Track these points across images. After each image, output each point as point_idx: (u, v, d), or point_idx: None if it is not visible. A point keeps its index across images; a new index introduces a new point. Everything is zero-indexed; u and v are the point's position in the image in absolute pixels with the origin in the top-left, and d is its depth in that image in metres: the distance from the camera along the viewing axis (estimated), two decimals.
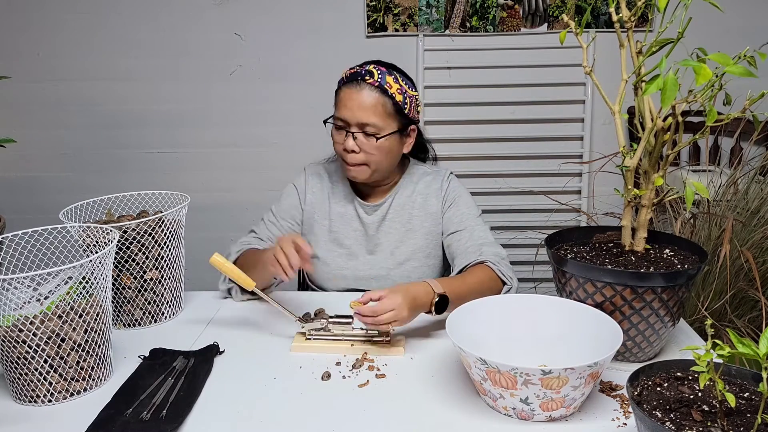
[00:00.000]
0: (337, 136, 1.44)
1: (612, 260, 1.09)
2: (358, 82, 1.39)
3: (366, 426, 0.96)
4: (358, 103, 1.38)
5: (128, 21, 2.62)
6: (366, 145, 1.40)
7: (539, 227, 2.60)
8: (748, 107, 0.97)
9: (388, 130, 1.41)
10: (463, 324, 1.04)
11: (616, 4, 1.07)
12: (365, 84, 1.39)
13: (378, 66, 1.43)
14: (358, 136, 1.40)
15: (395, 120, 1.42)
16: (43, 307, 1.05)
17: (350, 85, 1.40)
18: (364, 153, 1.41)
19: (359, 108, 1.38)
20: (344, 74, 1.44)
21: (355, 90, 1.39)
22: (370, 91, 1.39)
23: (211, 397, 1.04)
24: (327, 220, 1.52)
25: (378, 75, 1.39)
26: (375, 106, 1.38)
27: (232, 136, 2.75)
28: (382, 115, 1.39)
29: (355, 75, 1.40)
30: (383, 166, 1.44)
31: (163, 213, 1.30)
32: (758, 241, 1.76)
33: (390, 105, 1.40)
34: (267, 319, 1.33)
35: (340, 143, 1.43)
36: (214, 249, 1.39)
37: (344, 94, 1.41)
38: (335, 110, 1.44)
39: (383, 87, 1.39)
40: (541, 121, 2.67)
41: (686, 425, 0.77)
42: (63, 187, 2.80)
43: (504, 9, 2.56)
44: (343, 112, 1.40)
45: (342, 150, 1.42)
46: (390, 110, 1.40)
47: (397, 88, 1.41)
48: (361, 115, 1.38)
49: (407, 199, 1.51)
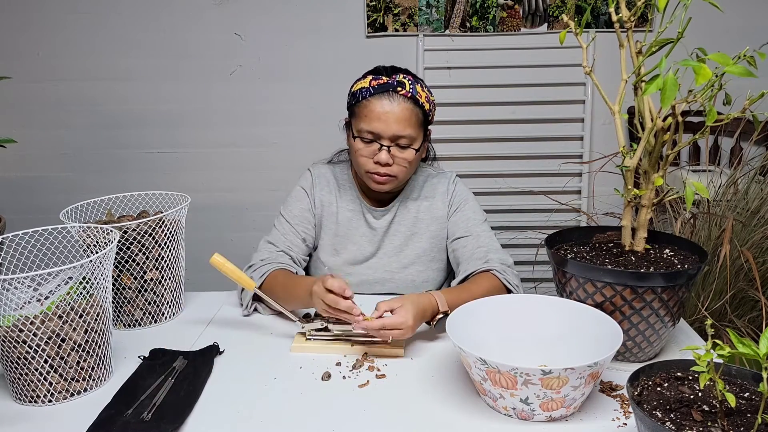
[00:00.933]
0: (365, 149, 1.37)
1: (612, 260, 1.09)
2: (390, 94, 1.34)
3: (366, 426, 0.96)
4: (393, 116, 1.33)
5: (128, 21, 2.62)
6: (399, 158, 1.37)
7: (539, 227, 2.60)
8: (748, 107, 0.97)
9: (420, 140, 1.39)
10: (463, 324, 1.04)
11: (616, 4, 1.07)
12: (398, 95, 1.34)
13: (404, 74, 1.38)
14: (392, 149, 1.36)
15: (423, 129, 1.40)
16: (44, 308, 1.05)
17: (381, 96, 1.34)
18: (396, 166, 1.38)
19: (395, 121, 1.33)
20: (367, 84, 1.37)
21: (388, 101, 1.34)
22: (404, 103, 1.34)
23: (211, 398, 1.04)
24: (334, 224, 1.49)
25: (409, 86, 1.35)
26: (410, 118, 1.35)
27: (232, 136, 2.75)
28: (416, 126, 1.36)
29: (386, 86, 1.34)
30: (409, 175, 1.44)
31: (164, 213, 1.30)
32: (758, 241, 1.76)
33: (421, 115, 1.38)
34: (267, 319, 1.33)
35: (368, 156, 1.37)
36: (214, 249, 1.38)
37: (375, 106, 1.34)
38: (359, 122, 1.37)
39: (415, 97, 1.35)
40: (541, 121, 2.67)
41: (686, 425, 0.77)
42: (63, 187, 2.80)
43: (504, 9, 2.56)
44: (376, 126, 1.34)
45: (373, 164, 1.37)
46: (420, 120, 1.38)
47: (425, 97, 1.38)
48: (396, 127, 1.34)
49: (413, 203, 1.49)
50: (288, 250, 1.43)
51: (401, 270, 1.48)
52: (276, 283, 1.33)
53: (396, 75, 1.37)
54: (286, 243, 1.44)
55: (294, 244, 1.45)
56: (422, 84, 1.40)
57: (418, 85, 1.38)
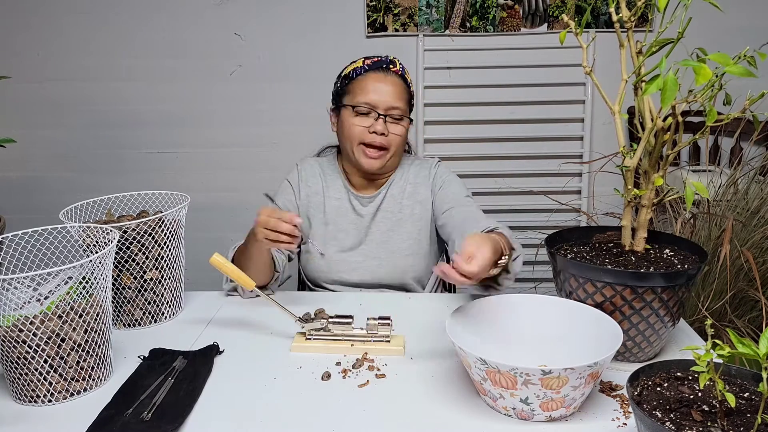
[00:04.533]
0: (360, 120, 1.46)
1: (612, 260, 1.09)
2: (384, 69, 1.47)
3: (366, 426, 0.96)
4: (387, 88, 1.45)
5: (128, 21, 2.62)
6: (393, 129, 1.46)
7: (539, 227, 2.60)
8: (748, 107, 0.97)
9: (407, 116, 1.49)
10: (463, 324, 1.05)
11: (616, 4, 1.07)
12: (391, 72, 1.47)
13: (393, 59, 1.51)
14: (387, 120, 1.45)
15: (409, 107, 1.51)
16: (43, 307, 1.05)
17: (376, 72, 1.46)
18: (390, 136, 1.46)
19: (389, 93, 1.45)
20: (362, 63, 1.49)
21: (382, 75, 1.46)
22: (397, 78, 1.47)
23: (211, 398, 1.04)
24: (322, 213, 1.54)
25: (399, 64, 1.49)
26: (401, 93, 1.47)
27: (232, 136, 2.75)
28: (405, 100, 1.49)
29: (380, 63, 1.47)
30: (398, 152, 1.51)
31: (163, 213, 1.30)
32: (758, 241, 1.76)
33: (407, 93, 1.50)
34: (267, 319, 1.33)
35: (364, 126, 1.45)
36: (214, 249, 1.39)
37: (370, 80, 1.46)
38: (354, 96, 1.47)
39: (404, 76, 1.50)
40: (541, 121, 2.67)
41: (686, 425, 0.77)
42: (63, 187, 2.80)
43: (504, 9, 2.56)
44: (372, 97, 1.44)
45: (368, 134, 1.45)
46: (408, 98, 1.50)
47: (410, 80, 1.52)
48: (390, 99, 1.45)
49: (399, 189, 1.55)
50: None
51: (390, 255, 1.50)
52: (240, 250, 1.40)
53: (387, 56, 1.51)
54: None
55: None
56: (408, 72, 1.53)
57: (406, 70, 1.52)
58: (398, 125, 1.46)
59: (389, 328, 1.17)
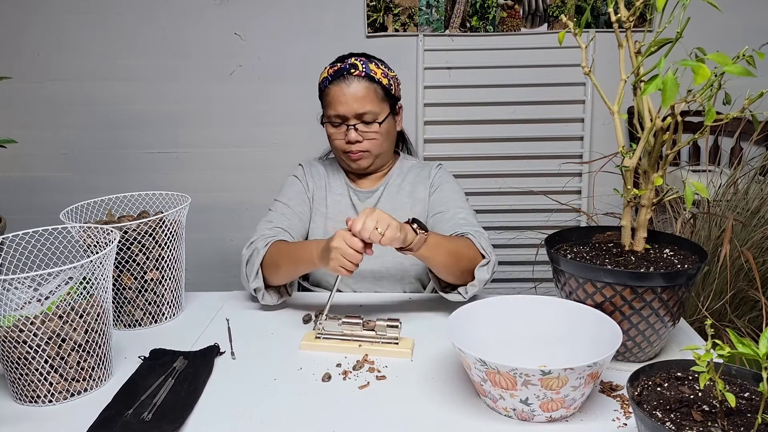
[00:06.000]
0: (336, 132, 1.47)
1: (612, 260, 1.10)
2: (345, 77, 1.44)
3: (366, 427, 0.96)
4: (351, 96, 1.43)
5: (128, 21, 2.62)
6: (367, 133, 1.45)
7: (539, 227, 2.60)
8: (747, 107, 0.97)
9: (384, 113, 1.47)
10: (462, 325, 1.05)
11: (615, 4, 1.07)
12: (352, 77, 1.44)
13: (357, 57, 1.47)
14: (359, 126, 1.44)
15: (386, 103, 1.48)
16: (44, 308, 1.05)
17: (338, 81, 1.44)
18: (367, 141, 1.46)
19: (354, 100, 1.43)
20: (326, 73, 1.47)
21: (345, 84, 1.44)
22: (359, 82, 1.44)
23: (211, 398, 1.04)
24: (324, 208, 1.55)
25: (362, 65, 1.45)
26: (367, 95, 1.44)
27: (232, 136, 2.75)
28: (375, 101, 1.45)
29: (340, 71, 1.44)
30: (384, 148, 1.50)
31: (164, 213, 1.30)
32: (758, 241, 1.76)
33: (380, 90, 1.46)
34: (267, 320, 1.34)
35: (340, 138, 1.47)
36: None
37: (334, 92, 1.44)
38: (327, 109, 1.48)
39: (369, 75, 1.45)
40: (541, 121, 2.67)
41: (686, 425, 0.77)
42: (63, 187, 2.80)
43: (504, 9, 2.56)
44: (339, 108, 1.44)
45: (345, 144, 1.46)
46: (381, 95, 1.46)
47: (381, 73, 1.47)
48: (357, 105, 1.43)
49: (398, 188, 1.55)
50: (287, 229, 1.46)
51: (389, 253, 1.49)
52: (278, 250, 1.33)
53: (349, 59, 1.47)
54: (284, 222, 1.47)
55: (292, 224, 1.48)
56: (377, 62, 1.49)
57: (372, 63, 1.47)
58: (372, 125, 1.45)
59: (398, 330, 1.17)
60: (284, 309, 1.37)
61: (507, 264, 2.69)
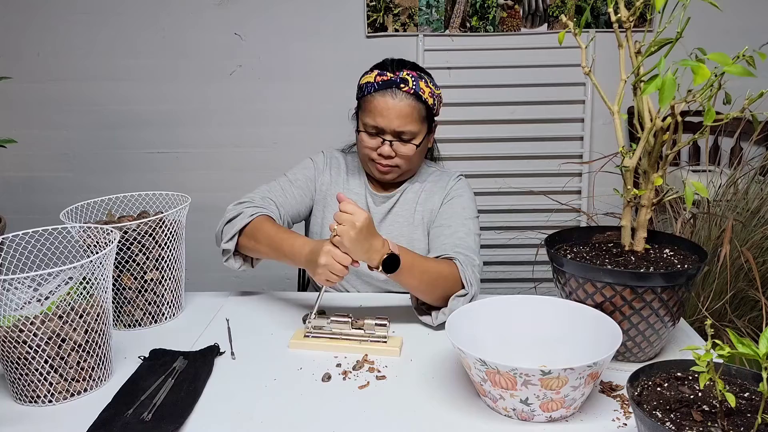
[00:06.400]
0: (369, 140, 1.42)
1: (612, 260, 1.10)
2: (393, 90, 1.38)
3: (366, 428, 0.96)
4: (395, 112, 1.37)
5: (128, 21, 2.62)
6: (401, 151, 1.41)
7: (539, 227, 2.60)
8: (747, 107, 0.97)
9: (422, 134, 1.43)
10: (462, 325, 1.04)
11: (615, 4, 1.07)
12: (400, 92, 1.38)
13: (409, 71, 1.41)
14: (394, 144, 1.40)
15: (426, 123, 1.43)
16: (44, 308, 1.05)
17: (384, 92, 1.38)
18: (398, 158, 1.42)
19: (397, 117, 1.37)
20: (373, 78, 1.40)
21: (391, 98, 1.38)
22: (407, 99, 1.38)
23: (211, 398, 1.04)
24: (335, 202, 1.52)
25: (412, 82, 1.38)
26: (411, 114, 1.39)
27: (232, 136, 2.75)
28: (417, 121, 1.40)
29: (390, 83, 1.38)
30: (414, 164, 1.47)
31: (164, 213, 1.30)
32: (758, 241, 1.76)
33: (423, 110, 1.41)
34: (267, 320, 1.33)
35: (372, 148, 1.42)
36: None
37: (378, 102, 1.38)
38: (364, 115, 1.42)
39: (418, 93, 1.38)
40: (541, 121, 2.67)
41: (686, 425, 0.77)
42: (63, 187, 2.80)
43: (504, 9, 2.56)
44: (379, 121, 1.39)
45: (376, 155, 1.43)
46: (423, 115, 1.41)
47: (429, 92, 1.41)
48: (398, 123, 1.38)
49: (414, 195, 1.52)
50: (280, 205, 1.45)
51: None
52: (262, 228, 1.32)
53: (400, 71, 1.40)
54: (280, 197, 1.46)
55: (286, 202, 1.47)
56: (427, 80, 1.43)
57: (422, 81, 1.41)
58: (408, 145, 1.41)
59: (386, 329, 1.17)
60: (284, 309, 1.37)
61: (507, 264, 2.69)
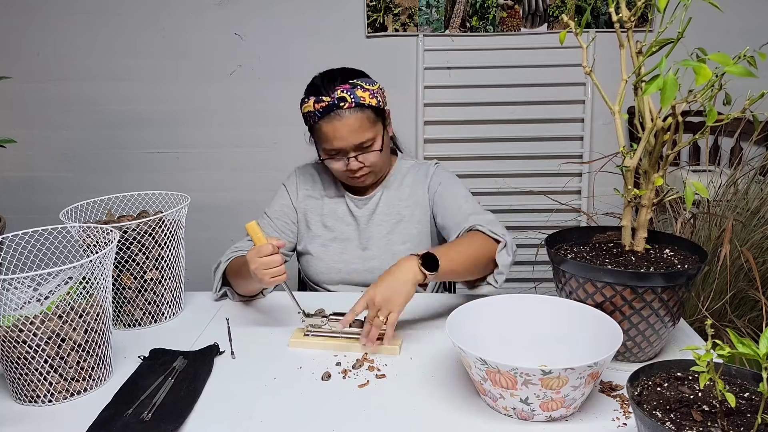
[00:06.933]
0: (336, 164, 1.43)
1: (612, 260, 1.09)
2: (336, 113, 1.37)
3: (366, 426, 0.96)
4: (346, 130, 1.37)
5: (128, 21, 2.62)
6: (369, 159, 1.43)
7: (539, 227, 2.59)
8: (748, 107, 0.97)
9: (379, 134, 1.44)
10: (463, 324, 1.04)
11: (616, 4, 1.07)
12: (343, 111, 1.37)
13: (341, 85, 1.38)
14: (359, 156, 1.42)
15: (379, 120, 1.44)
16: (44, 308, 1.05)
17: (329, 118, 1.37)
18: (368, 165, 1.43)
19: (350, 134, 1.38)
20: (312, 107, 1.38)
21: (337, 120, 1.37)
22: (352, 114, 1.37)
23: (211, 398, 1.04)
24: (320, 216, 1.54)
25: (350, 97, 1.36)
26: (362, 125, 1.39)
27: (232, 136, 2.75)
28: (370, 126, 1.41)
29: (329, 108, 1.37)
30: (384, 160, 1.48)
31: (164, 213, 1.30)
32: (758, 241, 1.76)
33: (371, 113, 1.41)
34: (267, 319, 1.34)
35: (341, 169, 1.44)
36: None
37: (327, 129, 1.38)
38: (320, 143, 1.43)
39: (359, 104, 1.38)
40: (541, 121, 2.67)
41: (686, 425, 0.77)
42: (63, 187, 2.80)
43: (504, 9, 2.56)
44: (336, 144, 1.39)
45: (348, 173, 1.44)
46: (373, 118, 1.41)
47: (369, 95, 1.39)
48: (353, 138, 1.38)
49: (395, 191, 1.54)
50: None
51: (392, 258, 1.48)
52: (231, 268, 1.39)
53: (334, 92, 1.37)
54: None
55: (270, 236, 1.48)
56: (361, 84, 1.40)
57: (357, 89, 1.38)
58: (372, 152, 1.42)
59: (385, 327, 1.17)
60: (284, 309, 1.37)
61: None
